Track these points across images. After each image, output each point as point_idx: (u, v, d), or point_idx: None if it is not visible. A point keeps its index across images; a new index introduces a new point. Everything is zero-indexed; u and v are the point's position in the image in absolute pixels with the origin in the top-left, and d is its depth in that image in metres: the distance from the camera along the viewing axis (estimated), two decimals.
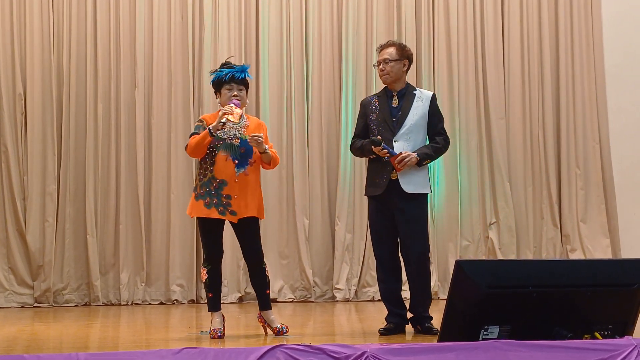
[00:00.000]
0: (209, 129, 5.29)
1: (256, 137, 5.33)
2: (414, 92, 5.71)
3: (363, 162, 8.18)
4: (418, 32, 8.36)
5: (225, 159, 5.35)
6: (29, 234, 7.70)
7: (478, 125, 8.41)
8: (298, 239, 8.05)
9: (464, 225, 8.33)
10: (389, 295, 5.69)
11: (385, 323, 5.66)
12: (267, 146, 5.38)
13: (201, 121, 5.47)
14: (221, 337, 5.36)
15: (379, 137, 5.55)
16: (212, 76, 5.55)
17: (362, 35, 8.27)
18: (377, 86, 8.20)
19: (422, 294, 5.68)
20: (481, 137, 8.41)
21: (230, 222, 5.46)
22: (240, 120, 5.43)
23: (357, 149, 5.76)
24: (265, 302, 5.52)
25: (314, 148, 8.17)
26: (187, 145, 5.40)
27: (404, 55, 5.69)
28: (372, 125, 5.67)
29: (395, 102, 5.66)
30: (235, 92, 5.43)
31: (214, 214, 5.36)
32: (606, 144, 8.57)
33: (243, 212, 5.39)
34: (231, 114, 5.28)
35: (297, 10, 8.20)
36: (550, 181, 8.48)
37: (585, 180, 8.52)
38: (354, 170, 8.18)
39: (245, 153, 5.38)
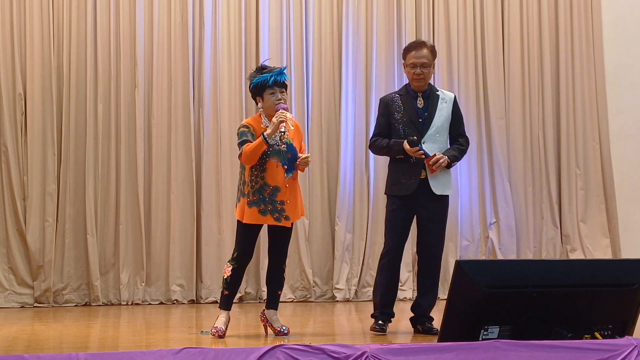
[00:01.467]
0: (263, 136, 5.30)
1: (306, 160, 5.43)
2: (437, 92, 5.73)
3: (363, 161, 8.19)
4: (418, 32, 8.35)
5: (276, 165, 5.39)
6: (29, 234, 7.70)
7: (478, 125, 8.41)
8: (298, 239, 8.04)
9: (464, 225, 8.33)
10: (388, 293, 5.66)
11: (376, 321, 5.62)
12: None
13: (247, 127, 5.45)
14: (222, 337, 5.36)
15: (414, 137, 5.52)
16: (251, 82, 5.54)
17: (362, 35, 8.27)
18: (377, 86, 8.21)
19: (431, 295, 5.68)
20: (481, 137, 8.41)
21: (271, 225, 5.51)
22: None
23: (381, 148, 5.69)
24: (274, 301, 5.61)
25: (314, 148, 8.17)
26: (240, 154, 5.39)
27: (435, 56, 5.75)
28: (397, 125, 5.65)
29: (420, 103, 5.65)
30: (279, 96, 5.43)
31: (269, 220, 5.43)
32: (606, 144, 8.57)
33: (295, 215, 5.51)
34: (285, 122, 5.30)
35: (297, 10, 8.20)
36: (550, 181, 8.48)
37: (585, 180, 8.52)
38: (354, 170, 8.18)
39: (292, 158, 5.43)
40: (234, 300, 7.76)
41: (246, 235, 5.49)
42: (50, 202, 7.74)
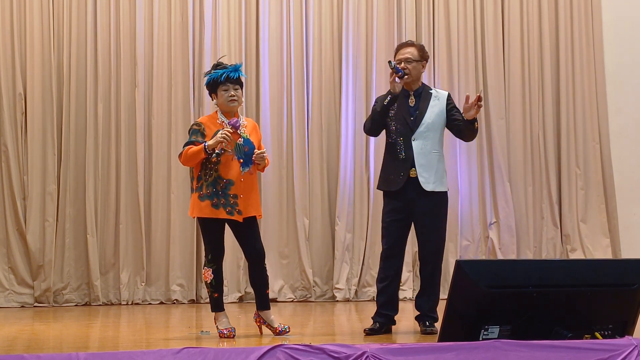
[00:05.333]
0: (204, 146, 5.28)
1: (262, 154, 5.37)
2: (430, 91, 5.77)
3: (363, 161, 8.19)
4: (418, 32, 8.36)
5: (231, 159, 5.35)
6: (29, 233, 7.71)
7: (478, 125, 8.40)
8: (298, 239, 8.05)
9: (464, 225, 8.33)
10: (387, 294, 5.66)
11: (372, 322, 5.63)
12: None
13: (199, 125, 5.43)
14: (234, 335, 5.35)
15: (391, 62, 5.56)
16: (206, 78, 5.53)
17: (362, 35, 8.27)
18: (377, 86, 8.21)
19: (432, 294, 5.68)
20: (481, 137, 8.41)
21: (229, 223, 5.45)
22: (239, 119, 5.46)
23: (370, 117, 5.69)
24: (265, 302, 5.52)
25: (314, 148, 8.17)
26: (180, 154, 5.39)
27: (424, 57, 5.77)
28: (389, 121, 5.68)
29: (412, 101, 5.69)
30: (232, 92, 5.41)
31: (222, 214, 5.35)
32: (606, 144, 8.57)
33: (249, 210, 5.41)
34: (229, 143, 5.28)
35: (297, 10, 8.20)
36: (550, 181, 8.48)
37: (585, 180, 8.52)
38: (354, 170, 8.18)
39: (249, 152, 5.39)
40: (234, 300, 7.83)
41: (210, 233, 5.42)
42: (50, 202, 7.74)
